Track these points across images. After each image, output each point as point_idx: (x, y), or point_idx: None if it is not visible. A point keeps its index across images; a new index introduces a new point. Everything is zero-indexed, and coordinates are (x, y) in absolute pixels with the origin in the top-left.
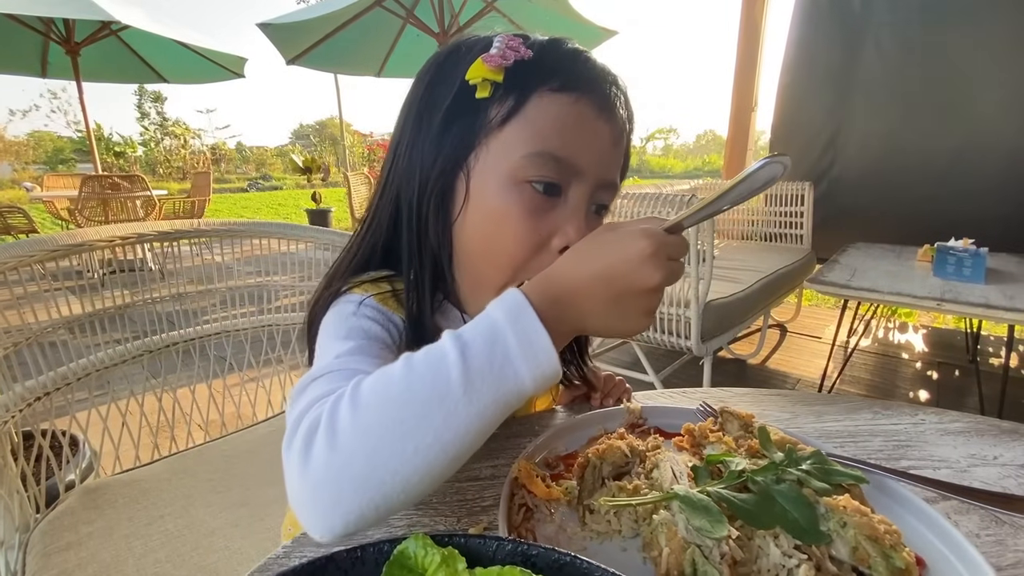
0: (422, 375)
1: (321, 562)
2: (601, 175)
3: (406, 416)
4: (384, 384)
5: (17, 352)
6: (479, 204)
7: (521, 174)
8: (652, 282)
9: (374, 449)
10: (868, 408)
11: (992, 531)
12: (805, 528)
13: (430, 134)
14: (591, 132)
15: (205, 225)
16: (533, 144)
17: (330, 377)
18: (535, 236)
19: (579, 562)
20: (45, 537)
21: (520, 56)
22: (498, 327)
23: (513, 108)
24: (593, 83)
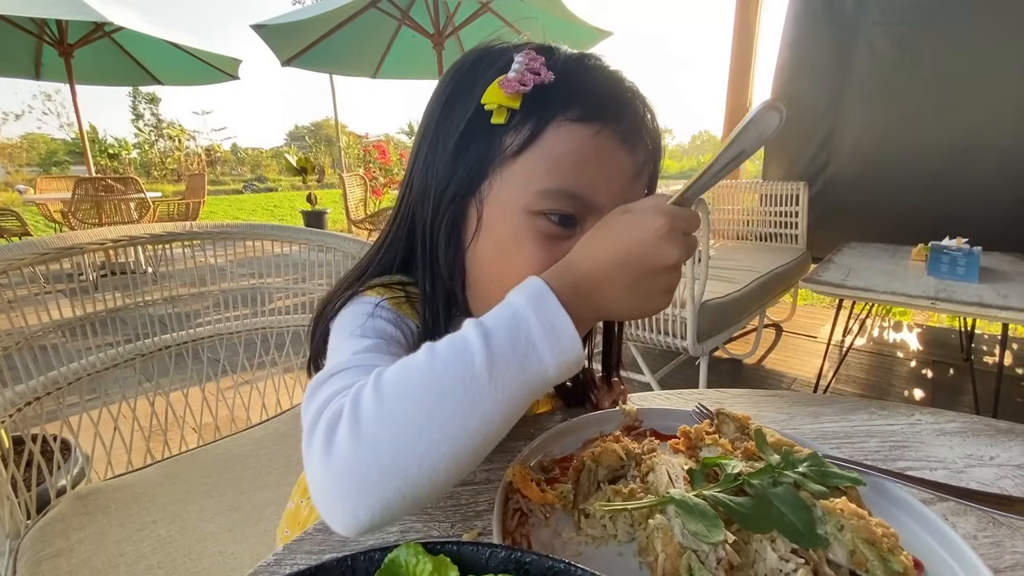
0: (446, 362)
1: (311, 571)
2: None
3: (431, 403)
4: (408, 372)
5: (7, 356)
6: (491, 233)
7: (535, 207)
8: (671, 260)
9: (399, 436)
10: (864, 409)
11: (989, 532)
12: (802, 532)
13: (444, 157)
14: (612, 165)
15: (198, 227)
16: (549, 180)
17: (348, 373)
18: (549, 266)
19: (573, 569)
20: (36, 544)
21: (540, 80)
22: (520, 313)
23: (529, 138)
24: (617, 110)
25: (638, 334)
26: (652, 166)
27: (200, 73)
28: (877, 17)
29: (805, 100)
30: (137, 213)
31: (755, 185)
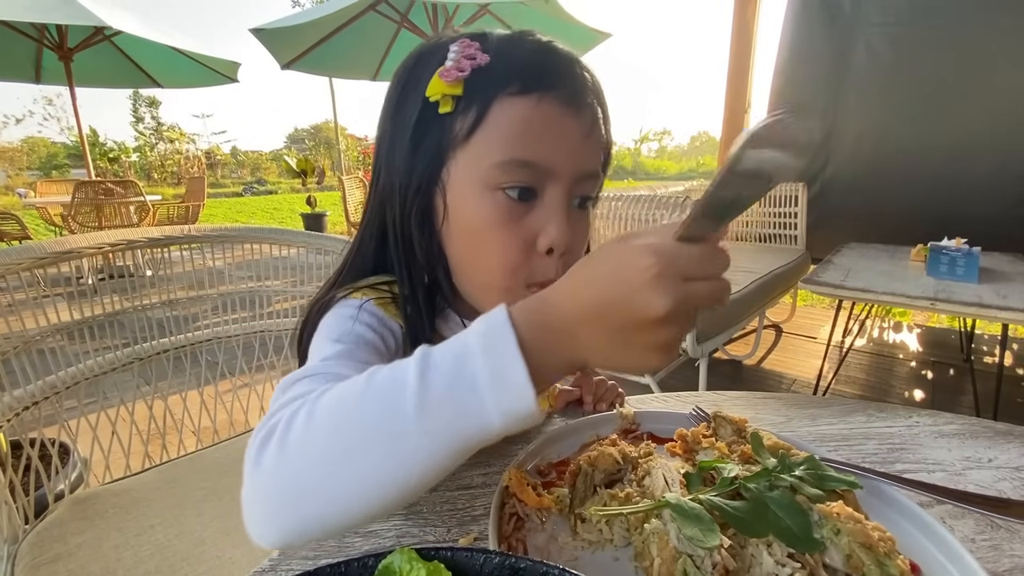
0: (377, 394)
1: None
2: (577, 169)
3: (353, 438)
4: (341, 399)
5: (6, 361)
6: (458, 217)
7: (493, 183)
8: (655, 311)
9: (317, 467)
10: (863, 411)
11: (988, 535)
12: (798, 536)
13: (403, 153)
14: (558, 131)
15: (196, 231)
16: (500, 152)
17: (311, 380)
18: (518, 241)
19: (569, 575)
20: (34, 549)
21: (477, 63)
22: (469, 351)
23: (476, 119)
24: (555, 78)
25: None
26: (602, 127)
27: (199, 76)
28: (875, 18)
29: (804, 101)
30: (137, 216)
31: None
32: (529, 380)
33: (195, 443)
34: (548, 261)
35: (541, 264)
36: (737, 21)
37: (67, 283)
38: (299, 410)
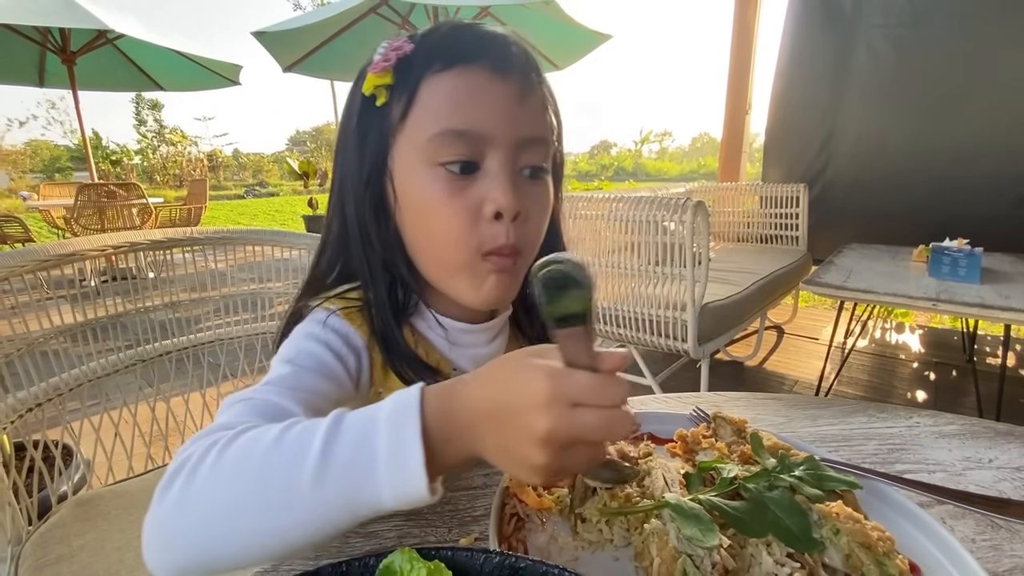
0: (282, 454)
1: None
2: (515, 134)
3: (250, 496)
4: (247, 454)
5: (9, 363)
6: (406, 199)
7: (432, 159)
8: (536, 432)
9: (214, 513)
10: (863, 411)
11: (988, 536)
12: (798, 536)
13: (352, 151)
14: (488, 97)
15: (199, 233)
16: (433, 126)
17: (244, 406)
18: (463, 212)
19: (568, 575)
20: (37, 550)
21: (402, 53)
22: (376, 426)
23: (408, 101)
24: (477, 49)
25: (638, 336)
26: (542, 92)
27: (202, 79)
28: (876, 19)
29: (804, 103)
30: (139, 219)
31: (755, 187)
32: (424, 468)
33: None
34: (498, 227)
35: (491, 230)
36: (737, 23)
37: (70, 285)
38: (209, 452)
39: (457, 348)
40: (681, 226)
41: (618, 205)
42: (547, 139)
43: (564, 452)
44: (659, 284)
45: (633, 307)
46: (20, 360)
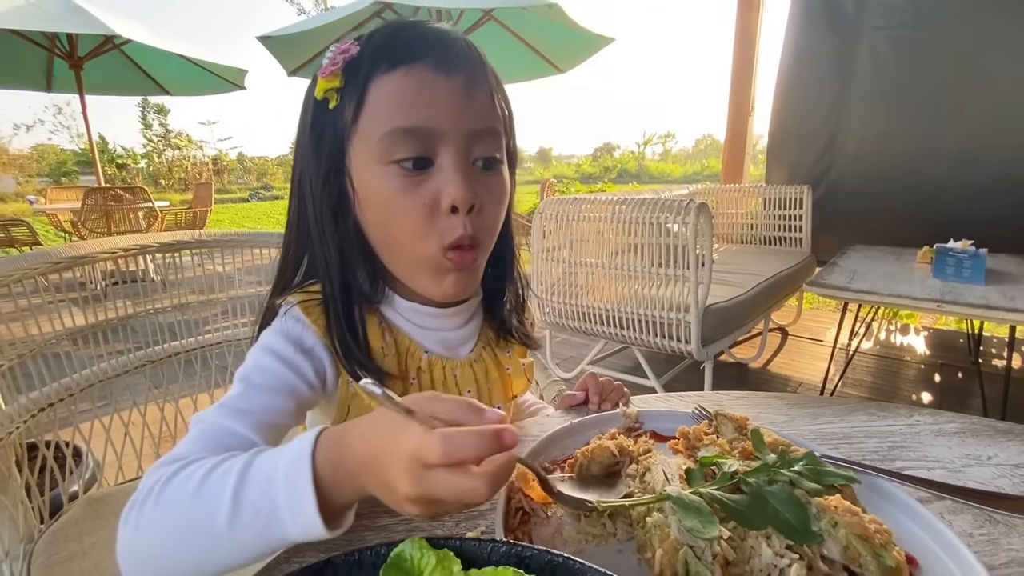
0: (201, 503)
1: (319, 566)
2: (465, 127)
3: (179, 535)
4: (178, 496)
5: (21, 364)
6: (365, 196)
7: (385, 157)
8: (398, 494)
9: (158, 551)
10: (864, 410)
11: (986, 530)
12: (797, 528)
13: (308, 154)
14: (434, 93)
15: (206, 236)
16: (383, 126)
17: (198, 431)
18: (420, 207)
19: (572, 563)
20: (49, 548)
21: (349, 55)
22: (276, 478)
23: (358, 103)
24: (421, 48)
25: (642, 338)
26: (489, 85)
27: (207, 83)
28: (878, 21)
29: (807, 104)
30: (145, 222)
31: (758, 189)
32: (318, 512)
33: None
34: (456, 220)
35: (450, 224)
36: (740, 25)
37: (80, 288)
38: (152, 490)
39: (427, 332)
40: (684, 228)
41: (621, 207)
42: (497, 130)
43: (431, 505)
44: (662, 286)
45: (636, 309)
46: (32, 362)
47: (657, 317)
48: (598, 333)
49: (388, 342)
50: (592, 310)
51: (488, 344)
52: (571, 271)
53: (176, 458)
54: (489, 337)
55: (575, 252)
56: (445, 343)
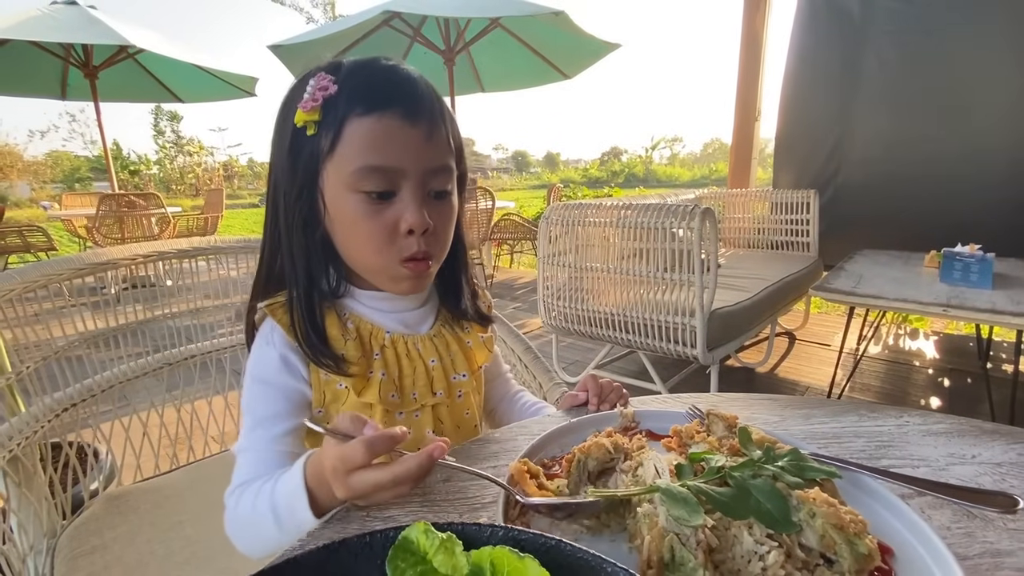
0: (257, 520)
1: (334, 546)
2: (423, 167)
3: (250, 535)
4: (244, 517)
5: (46, 366)
6: (335, 213)
7: (355, 186)
8: (339, 495)
9: (248, 541)
10: (855, 411)
11: (963, 524)
12: (777, 518)
13: (285, 170)
14: (401, 139)
15: (221, 242)
16: (356, 161)
17: (243, 463)
18: (382, 229)
19: (563, 545)
20: (72, 541)
21: (328, 94)
22: (291, 500)
23: (335, 137)
24: (393, 97)
25: (648, 342)
26: (444, 128)
27: (219, 90)
28: (884, 25)
29: (813, 109)
30: (158, 228)
31: (765, 193)
32: (310, 511)
33: (219, 446)
34: (411, 240)
35: (407, 243)
36: (746, 30)
37: (92, 293)
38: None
39: (387, 314)
40: (689, 232)
41: (626, 212)
42: (450, 166)
43: (369, 496)
44: (668, 290)
45: (642, 313)
46: (57, 364)
47: (662, 321)
48: (604, 337)
49: (350, 330)
50: (598, 314)
51: (447, 323)
52: (577, 275)
53: (238, 484)
54: (447, 317)
55: (581, 256)
56: (404, 322)
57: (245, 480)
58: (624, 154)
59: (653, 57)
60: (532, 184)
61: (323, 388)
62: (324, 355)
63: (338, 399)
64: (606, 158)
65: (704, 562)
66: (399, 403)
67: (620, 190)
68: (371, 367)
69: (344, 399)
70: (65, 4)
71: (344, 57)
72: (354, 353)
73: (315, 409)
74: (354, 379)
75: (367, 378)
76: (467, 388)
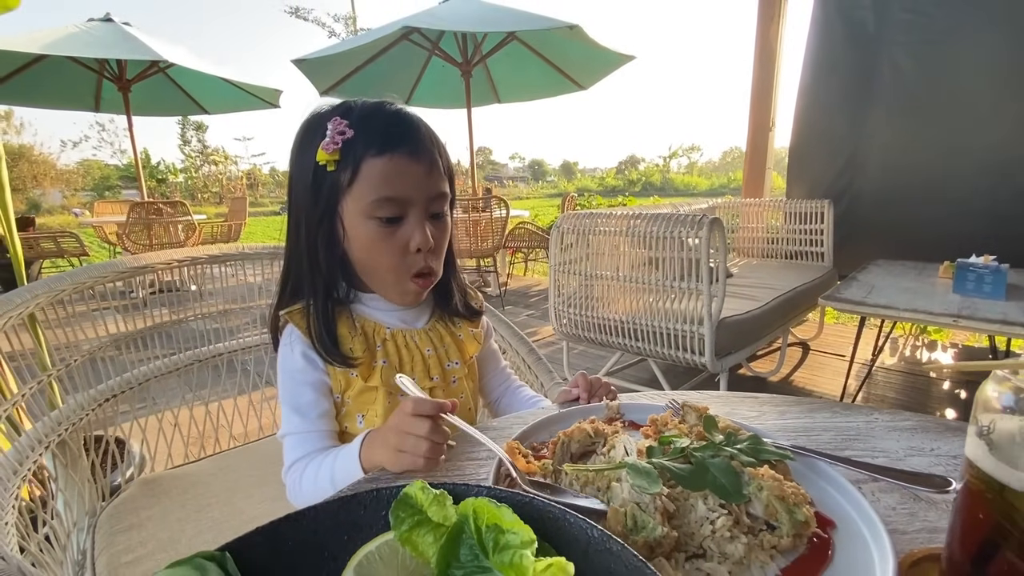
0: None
1: (348, 498)
2: (426, 195)
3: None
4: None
5: (85, 362)
6: (353, 236)
7: (370, 214)
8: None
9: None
10: (828, 408)
11: (908, 505)
12: (729, 491)
13: (307, 196)
14: (407, 174)
15: (249, 248)
16: (371, 194)
17: (290, 443)
18: (394, 249)
19: (536, 501)
20: (111, 520)
21: (346, 137)
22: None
23: (352, 174)
24: (402, 139)
25: (657, 350)
26: (441, 161)
27: (244, 102)
28: (899, 36)
29: (828, 120)
30: (184, 234)
31: (779, 203)
32: (361, 470)
33: (244, 438)
34: (419, 256)
35: (416, 260)
36: (760, 40)
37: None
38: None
39: (388, 313)
40: (697, 241)
41: (636, 221)
42: (446, 193)
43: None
44: (677, 298)
45: (652, 321)
46: (101, 360)
47: (671, 329)
48: (614, 345)
49: (356, 328)
50: (608, 322)
51: (441, 319)
52: (588, 283)
53: (292, 462)
54: (441, 314)
55: (592, 264)
56: (403, 319)
57: (297, 458)
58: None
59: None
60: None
61: (338, 377)
62: (334, 355)
63: (351, 385)
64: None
65: (662, 522)
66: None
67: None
68: (375, 357)
69: (355, 384)
70: (101, 21)
71: (352, 100)
72: (360, 347)
73: (335, 395)
74: (361, 367)
75: (372, 367)
76: (460, 374)
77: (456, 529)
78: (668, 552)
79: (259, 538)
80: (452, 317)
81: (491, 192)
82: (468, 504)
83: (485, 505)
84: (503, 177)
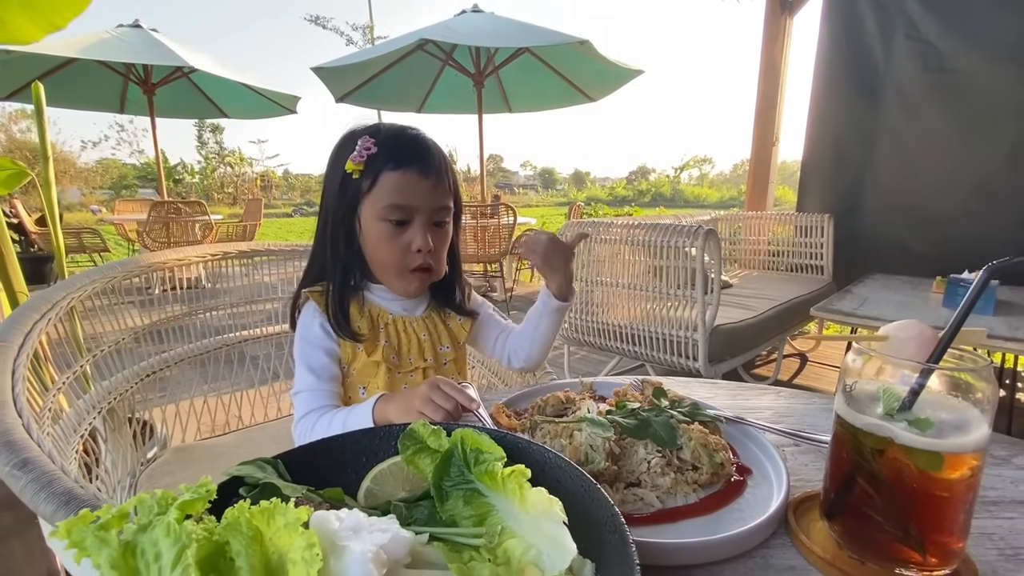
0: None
1: (369, 430)
2: (431, 206)
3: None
4: (318, 432)
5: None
6: (366, 234)
7: (382, 216)
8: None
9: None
10: (776, 393)
11: (819, 464)
12: (665, 440)
13: (335, 197)
14: (417, 186)
15: (273, 246)
16: (385, 200)
17: (303, 399)
18: (399, 247)
19: (509, 436)
20: (149, 480)
21: (371, 152)
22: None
23: (372, 183)
24: (414, 157)
25: (654, 355)
26: (447, 179)
27: (263, 108)
28: (904, 64)
29: (836, 137)
30: (201, 233)
31: (781, 217)
32: (372, 418)
33: (263, 418)
34: (420, 255)
35: (416, 258)
36: (765, 57)
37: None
38: (312, 426)
39: (391, 301)
40: (693, 251)
41: (635, 231)
42: (449, 206)
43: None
44: (673, 305)
45: (648, 326)
46: (144, 341)
47: (667, 334)
48: (613, 349)
49: (365, 311)
50: (608, 327)
51: (437, 309)
52: (589, 289)
53: (302, 415)
54: (437, 306)
55: (593, 271)
56: (404, 307)
57: (308, 411)
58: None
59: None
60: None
61: (347, 348)
62: (344, 329)
63: (356, 358)
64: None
65: (606, 458)
66: (398, 364)
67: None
68: (378, 337)
69: (360, 357)
70: (130, 27)
71: (382, 123)
72: (366, 327)
73: (342, 364)
74: (366, 343)
75: (375, 344)
76: (450, 358)
77: (448, 453)
78: (611, 481)
79: (302, 452)
80: (446, 308)
81: (499, 199)
82: (457, 433)
83: (470, 434)
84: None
